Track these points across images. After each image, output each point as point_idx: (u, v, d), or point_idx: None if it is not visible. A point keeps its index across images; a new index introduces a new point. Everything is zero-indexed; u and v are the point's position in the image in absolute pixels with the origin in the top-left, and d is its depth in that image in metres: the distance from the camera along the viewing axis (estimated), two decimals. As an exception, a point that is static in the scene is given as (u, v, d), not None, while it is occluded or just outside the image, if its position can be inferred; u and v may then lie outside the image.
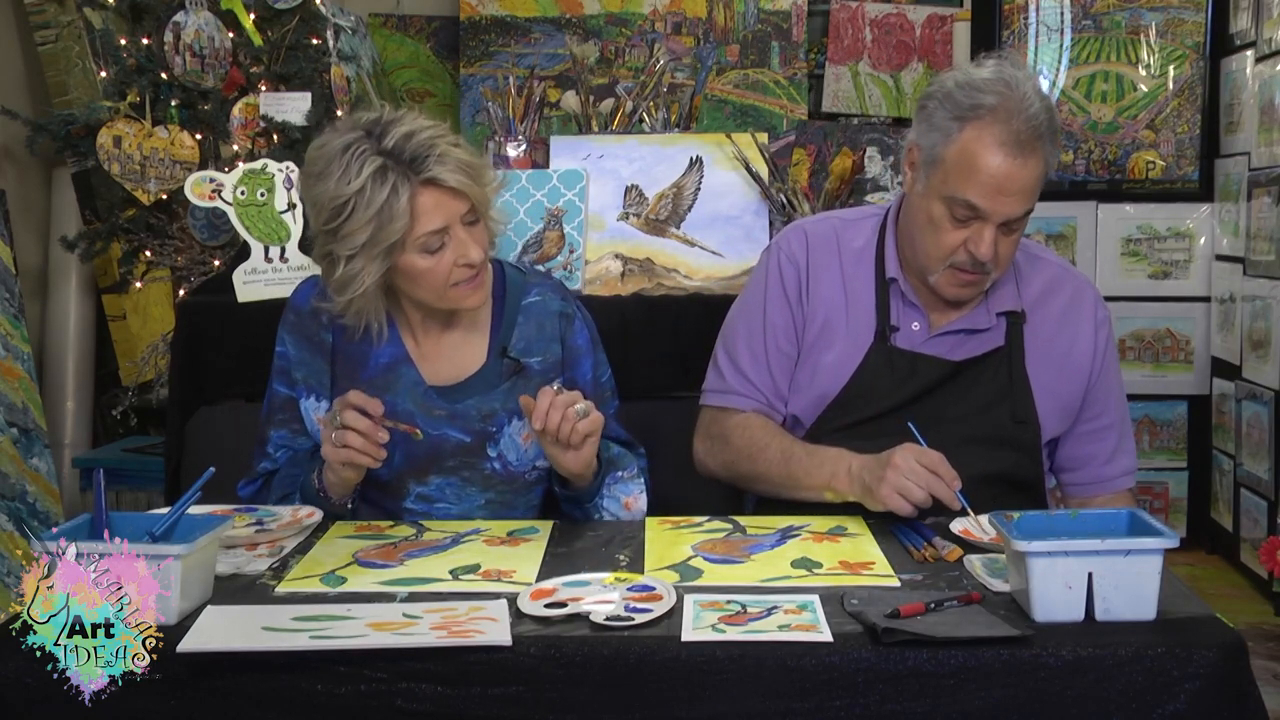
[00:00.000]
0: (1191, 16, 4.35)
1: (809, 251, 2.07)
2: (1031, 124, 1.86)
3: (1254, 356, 3.90)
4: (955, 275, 1.94)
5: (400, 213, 1.80)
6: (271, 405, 2.05)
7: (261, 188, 2.56)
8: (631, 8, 4.40)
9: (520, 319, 2.02)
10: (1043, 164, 1.89)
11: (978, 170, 1.86)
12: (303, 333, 2.02)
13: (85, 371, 4.13)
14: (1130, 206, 4.42)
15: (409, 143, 1.82)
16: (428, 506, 2.00)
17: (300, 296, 2.04)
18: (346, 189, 1.80)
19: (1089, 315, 2.07)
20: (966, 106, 1.88)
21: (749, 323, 2.10)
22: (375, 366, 1.99)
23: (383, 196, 1.79)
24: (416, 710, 1.38)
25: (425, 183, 1.82)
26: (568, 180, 2.66)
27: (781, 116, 4.37)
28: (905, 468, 1.78)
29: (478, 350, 2.01)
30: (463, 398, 1.98)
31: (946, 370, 2.00)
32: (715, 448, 2.08)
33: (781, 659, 1.38)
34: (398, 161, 1.81)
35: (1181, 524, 4.36)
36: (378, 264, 1.84)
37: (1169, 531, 1.46)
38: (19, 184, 3.97)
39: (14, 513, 3.40)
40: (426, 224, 1.83)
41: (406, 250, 1.85)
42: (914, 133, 1.97)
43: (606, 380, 2.11)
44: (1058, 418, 2.04)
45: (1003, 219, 1.89)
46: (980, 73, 1.91)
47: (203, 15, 3.26)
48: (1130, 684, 1.37)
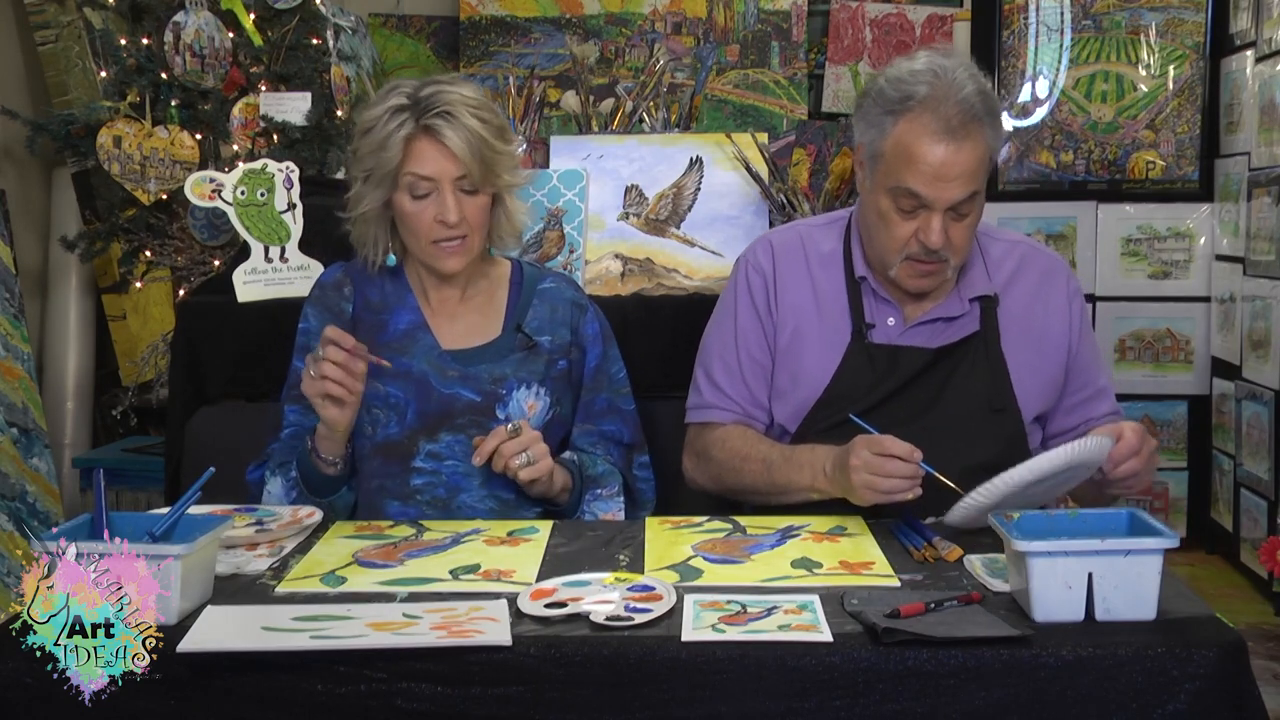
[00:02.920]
0: (1191, 16, 4.35)
1: (775, 260, 2.11)
2: (964, 108, 1.88)
3: (1254, 356, 3.90)
4: (912, 266, 1.97)
5: (394, 145, 1.96)
6: (289, 383, 2.12)
7: (261, 188, 2.56)
8: (631, 8, 4.41)
9: (536, 300, 2.12)
10: (981, 146, 1.91)
11: (915, 160, 1.89)
12: (325, 304, 2.12)
13: (85, 371, 4.13)
14: (1130, 206, 4.42)
15: (435, 97, 1.97)
16: (436, 464, 2.03)
17: (327, 274, 2.17)
18: (369, 115, 2.01)
19: (1061, 289, 2.10)
20: (897, 99, 1.92)
21: (721, 336, 2.13)
22: (394, 332, 2.07)
23: (389, 129, 1.96)
24: (416, 710, 1.38)
25: (425, 129, 1.96)
26: (568, 180, 2.66)
27: (781, 116, 4.37)
28: (861, 464, 1.80)
29: (493, 323, 2.11)
30: (475, 362, 2.06)
31: (926, 359, 2.02)
32: (701, 464, 2.11)
33: (781, 659, 1.38)
34: (416, 105, 1.97)
35: (1181, 524, 4.36)
36: (378, 192, 2.00)
37: (1169, 531, 1.46)
38: (19, 184, 3.97)
39: (14, 513, 3.40)
40: (414, 165, 1.97)
41: (399, 187, 1.99)
42: (856, 132, 2.02)
43: (619, 376, 2.16)
44: (1042, 394, 2.06)
45: (947, 205, 1.91)
46: (911, 65, 1.95)
47: (203, 15, 3.26)
48: (1130, 684, 1.37)
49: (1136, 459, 1.77)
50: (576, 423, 2.13)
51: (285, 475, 2.01)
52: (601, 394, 2.13)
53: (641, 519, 1.97)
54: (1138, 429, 1.78)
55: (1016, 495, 1.68)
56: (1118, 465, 1.76)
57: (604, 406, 2.13)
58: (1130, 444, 1.76)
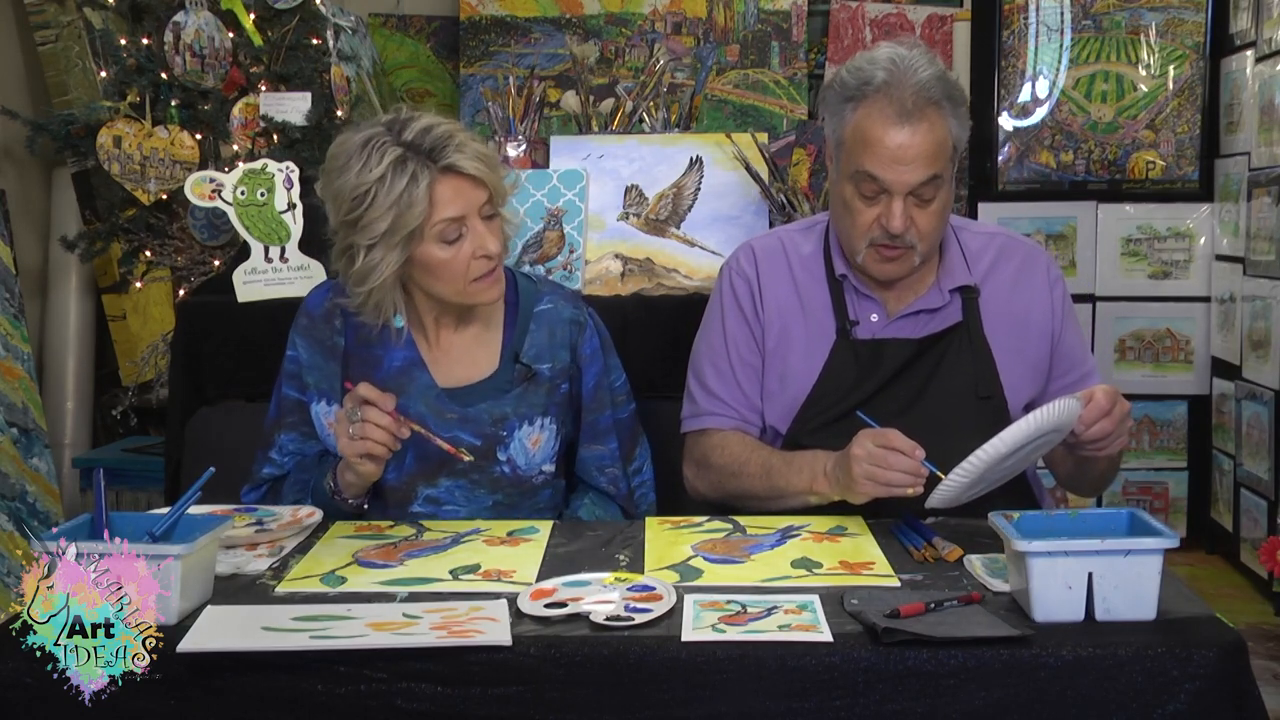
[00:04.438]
0: (1191, 16, 4.35)
1: (757, 264, 2.13)
2: (920, 92, 1.91)
3: (1254, 356, 3.90)
4: (877, 252, 1.99)
5: (419, 199, 1.84)
6: (281, 409, 2.06)
7: (261, 188, 2.56)
8: (631, 8, 4.40)
9: (533, 326, 2.04)
10: (939, 129, 1.93)
11: (872, 144, 1.92)
12: (315, 336, 2.04)
13: (85, 371, 4.13)
14: (1130, 206, 4.42)
15: (427, 135, 1.86)
16: (435, 509, 2.01)
17: (313, 301, 2.06)
18: (368, 177, 1.84)
19: (1042, 276, 2.12)
20: (854, 87, 1.95)
21: (710, 343, 2.14)
22: (388, 369, 2.00)
23: (402, 184, 1.83)
24: (416, 710, 1.38)
25: (444, 170, 1.86)
26: (568, 180, 2.66)
27: (781, 116, 4.37)
28: (864, 454, 1.80)
29: (490, 355, 2.04)
30: (474, 401, 2.00)
31: (911, 351, 2.03)
32: (701, 471, 2.11)
33: (781, 659, 1.38)
34: (417, 152, 1.85)
35: (1181, 524, 4.36)
36: (397, 253, 1.87)
37: (1169, 531, 1.47)
38: (19, 184, 3.97)
39: (14, 513, 3.40)
40: (444, 211, 1.86)
41: (425, 240, 1.88)
42: (823, 124, 2.05)
43: (619, 385, 2.14)
44: (1027, 380, 2.07)
45: (907, 189, 1.93)
46: (871, 55, 1.98)
47: (203, 15, 3.26)
48: (1130, 684, 1.37)
49: (1108, 420, 1.77)
50: (581, 443, 2.10)
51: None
52: (604, 413, 2.10)
53: (641, 519, 1.97)
54: (1109, 391, 1.78)
55: (995, 468, 1.69)
56: (1089, 427, 1.76)
57: (607, 424, 2.10)
58: (1100, 405, 1.76)
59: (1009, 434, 1.66)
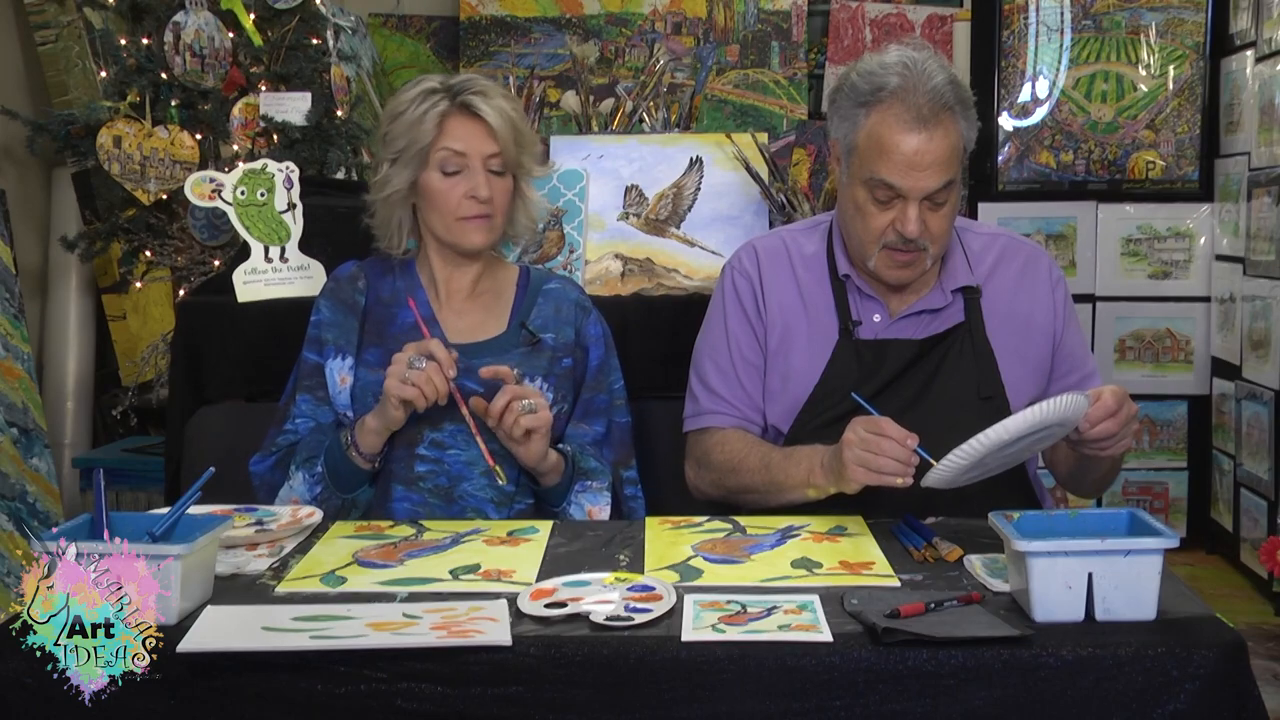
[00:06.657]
0: (1191, 16, 4.36)
1: (760, 264, 2.13)
2: (934, 97, 1.91)
3: (1254, 356, 3.90)
4: (890, 256, 1.99)
5: (429, 121, 2.03)
6: (299, 374, 2.15)
7: (261, 188, 2.56)
8: (631, 8, 4.41)
9: (540, 300, 2.17)
10: (953, 135, 1.93)
11: (888, 151, 1.92)
12: (339, 296, 2.17)
13: (85, 371, 4.13)
14: (1130, 206, 4.42)
15: (468, 81, 2.08)
16: (440, 453, 2.05)
17: (343, 269, 2.23)
18: (399, 100, 2.09)
19: (1044, 277, 2.12)
20: (868, 92, 1.95)
21: (713, 342, 2.14)
22: (402, 324, 2.11)
23: (423, 109, 2.04)
24: (416, 710, 1.38)
25: (460, 106, 2.04)
26: (568, 180, 2.66)
27: (781, 116, 4.37)
28: (856, 439, 1.80)
29: (499, 321, 2.15)
30: (480, 356, 2.07)
31: (913, 351, 2.03)
32: (702, 470, 2.12)
33: (781, 659, 1.38)
34: (449, 89, 2.06)
35: (1181, 524, 4.36)
36: (406, 172, 2.06)
37: (1169, 531, 1.46)
38: (19, 184, 3.97)
39: (14, 513, 3.41)
40: (448, 141, 2.04)
41: (429, 166, 2.05)
42: (830, 127, 2.05)
43: (616, 387, 2.18)
44: (1030, 381, 2.07)
45: (922, 194, 1.93)
46: (882, 58, 1.98)
47: (203, 15, 3.27)
48: (1130, 684, 1.37)
49: (1113, 420, 1.77)
50: (574, 420, 2.14)
51: (310, 470, 2.03)
52: (601, 394, 2.15)
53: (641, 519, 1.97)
54: (1118, 391, 1.78)
55: (995, 455, 1.69)
56: (1094, 425, 1.76)
57: (603, 406, 2.14)
58: (1107, 405, 1.76)
59: (1013, 422, 1.66)
